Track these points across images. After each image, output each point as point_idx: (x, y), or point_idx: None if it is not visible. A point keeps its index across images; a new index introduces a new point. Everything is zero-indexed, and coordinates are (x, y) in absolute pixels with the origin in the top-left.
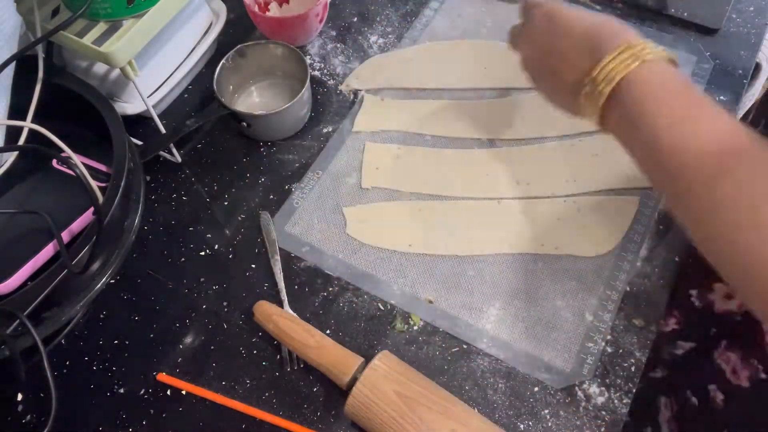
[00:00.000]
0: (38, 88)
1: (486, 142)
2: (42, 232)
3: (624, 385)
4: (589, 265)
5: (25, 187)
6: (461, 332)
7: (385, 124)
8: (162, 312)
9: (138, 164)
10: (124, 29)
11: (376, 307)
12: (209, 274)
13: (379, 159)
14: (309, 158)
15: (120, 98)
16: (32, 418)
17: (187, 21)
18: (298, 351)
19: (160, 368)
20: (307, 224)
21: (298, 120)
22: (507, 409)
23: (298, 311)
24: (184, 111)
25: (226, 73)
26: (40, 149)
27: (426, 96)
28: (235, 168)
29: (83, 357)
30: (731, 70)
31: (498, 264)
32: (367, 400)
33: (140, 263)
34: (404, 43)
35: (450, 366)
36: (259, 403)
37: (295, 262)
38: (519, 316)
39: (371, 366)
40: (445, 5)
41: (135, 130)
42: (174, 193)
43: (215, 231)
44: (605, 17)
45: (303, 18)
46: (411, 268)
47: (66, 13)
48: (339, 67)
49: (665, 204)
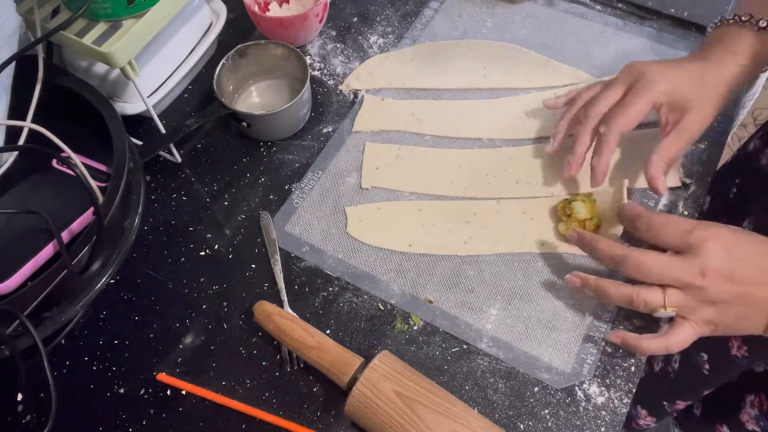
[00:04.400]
0: (38, 88)
1: (486, 142)
2: (42, 232)
3: (624, 385)
4: (590, 264)
5: (25, 187)
6: (461, 332)
7: (385, 124)
8: (162, 312)
9: (138, 164)
10: (124, 29)
11: (376, 307)
12: (209, 274)
13: (379, 159)
14: (309, 158)
15: (120, 98)
16: (32, 418)
17: (187, 21)
18: (298, 351)
19: (160, 368)
20: (307, 224)
21: (298, 120)
22: (507, 409)
23: (298, 311)
24: (184, 111)
25: (226, 73)
26: (40, 149)
27: (426, 96)
28: (235, 168)
29: (83, 357)
30: None
31: (498, 264)
32: (367, 400)
33: (140, 263)
34: (404, 43)
35: (450, 366)
36: (259, 403)
37: (295, 262)
38: (519, 316)
39: (371, 366)
40: (445, 5)
41: (135, 130)
42: (174, 193)
43: (215, 231)
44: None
45: (303, 18)
46: (411, 268)
47: (66, 13)
48: (339, 67)
49: None
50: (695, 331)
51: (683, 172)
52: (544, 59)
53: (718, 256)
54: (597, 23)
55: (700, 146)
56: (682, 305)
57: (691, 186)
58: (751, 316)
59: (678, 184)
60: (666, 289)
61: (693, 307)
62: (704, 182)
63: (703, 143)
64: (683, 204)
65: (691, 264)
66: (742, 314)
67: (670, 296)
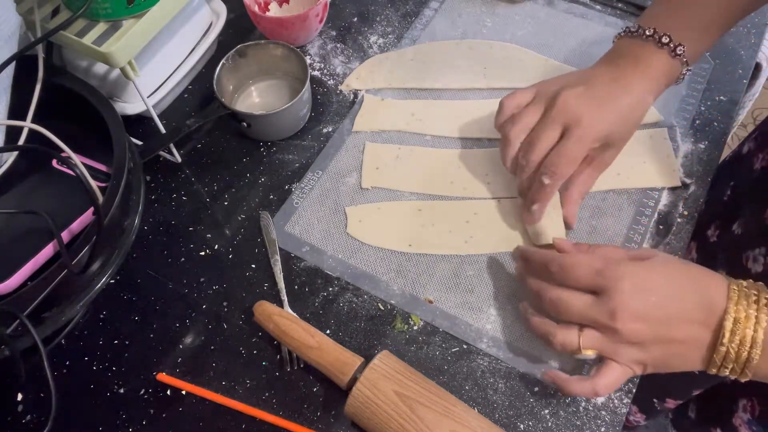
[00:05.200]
0: (38, 88)
1: (486, 142)
2: (42, 232)
3: (624, 385)
4: None
5: (25, 187)
6: (461, 332)
7: (385, 124)
8: (162, 312)
9: (138, 164)
10: (124, 29)
11: (376, 307)
12: (209, 274)
13: (379, 159)
14: (309, 158)
15: (120, 98)
16: (32, 418)
17: (187, 21)
18: (298, 351)
19: (160, 368)
20: (307, 224)
21: (298, 120)
22: (507, 409)
23: (298, 311)
24: (184, 111)
25: (226, 73)
26: (40, 149)
27: (426, 96)
28: (235, 168)
29: (83, 357)
30: (731, 70)
31: (498, 264)
32: (367, 400)
33: (140, 263)
34: (404, 43)
35: (450, 366)
36: (259, 403)
37: (295, 262)
38: (519, 316)
39: (371, 366)
40: (445, 5)
41: (135, 130)
42: (174, 193)
43: (215, 231)
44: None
45: (303, 18)
46: (411, 268)
47: (66, 13)
48: (339, 67)
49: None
50: (624, 372)
51: (683, 172)
52: (544, 59)
53: (630, 296)
54: (597, 23)
55: (700, 146)
56: (600, 347)
57: (691, 186)
58: (682, 355)
59: (678, 184)
60: (583, 329)
61: (614, 348)
62: (704, 182)
63: (703, 143)
64: (683, 204)
65: (602, 304)
66: (670, 353)
67: (586, 337)
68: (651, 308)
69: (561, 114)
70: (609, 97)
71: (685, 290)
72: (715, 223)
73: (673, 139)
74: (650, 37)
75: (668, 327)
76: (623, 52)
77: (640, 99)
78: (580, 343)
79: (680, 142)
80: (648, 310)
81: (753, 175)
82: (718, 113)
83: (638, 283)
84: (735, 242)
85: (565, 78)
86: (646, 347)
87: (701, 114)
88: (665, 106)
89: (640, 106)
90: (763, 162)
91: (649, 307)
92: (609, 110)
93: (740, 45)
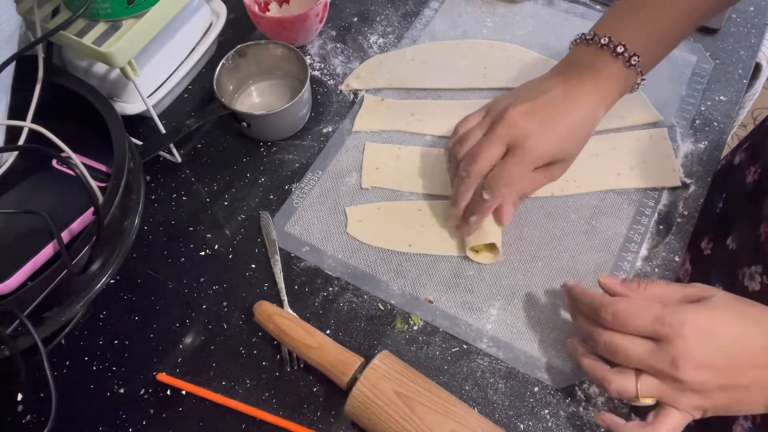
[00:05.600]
0: (38, 88)
1: None
2: (42, 232)
3: None
4: (589, 264)
5: (25, 187)
6: (461, 332)
7: (385, 124)
8: (162, 312)
9: (138, 164)
10: (124, 29)
11: (376, 307)
12: (209, 274)
13: (379, 159)
14: (309, 158)
15: (120, 98)
16: (32, 418)
17: (187, 21)
18: (298, 351)
19: (160, 368)
20: (307, 224)
21: (298, 120)
22: (507, 409)
23: (298, 311)
24: (184, 111)
25: (226, 73)
26: (40, 149)
27: (426, 96)
28: (235, 168)
29: (83, 357)
30: (731, 70)
31: (498, 264)
32: (367, 400)
33: (140, 263)
34: (404, 43)
35: (450, 366)
36: (259, 403)
37: (295, 262)
38: (519, 316)
39: (371, 366)
40: (445, 5)
41: (135, 130)
42: (174, 193)
43: (215, 231)
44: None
45: (303, 18)
46: (411, 268)
47: (66, 13)
48: (339, 67)
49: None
50: (684, 418)
51: (683, 172)
52: (544, 59)
53: (692, 344)
54: None
55: (700, 146)
56: (660, 395)
57: (691, 186)
58: (745, 399)
59: (678, 184)
60: (641, 375)
61: (675, 396)
62: (704, 182)
63: (703, 143)
64: (683, 204)
65: (664, 352)
66: (734, 398)
67: (644, 384)
68: (715, 355)
69: (506, 131)
70: (558, 112)
71: (749, 333)
72: (708, 235)
73: (673, 139)
74: (605, 46)
75: (733, 374)
76: (577, 60)
77: (590, 112)
78: (638, 391)
79: (680, 142)
80: (712, 358)
81: (745, 189)
82: (718, 113)
83: (701, 329)
84: (730, 258)
85: (516, 92)
86: (709, 394)
87: (701, 114)
88: (665, 106)
89: (591, 119)
90: (755, 176)
91: (712, 355)
92: (557, 128)
93: (740, 45)
